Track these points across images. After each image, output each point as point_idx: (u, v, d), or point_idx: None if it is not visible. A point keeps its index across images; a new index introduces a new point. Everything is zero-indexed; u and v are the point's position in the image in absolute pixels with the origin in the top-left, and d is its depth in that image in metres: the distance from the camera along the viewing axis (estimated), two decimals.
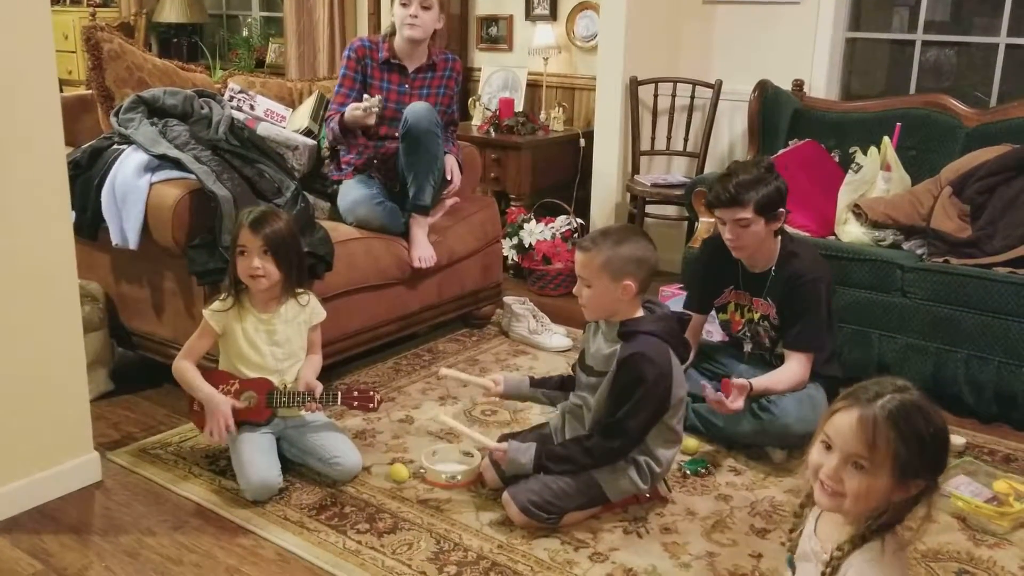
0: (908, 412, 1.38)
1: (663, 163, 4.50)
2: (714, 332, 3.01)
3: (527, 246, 4.13)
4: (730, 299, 2.76)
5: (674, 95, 4.28)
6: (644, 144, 4.37)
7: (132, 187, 2.66)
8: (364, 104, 3.05)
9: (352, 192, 3.19)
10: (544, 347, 3.42)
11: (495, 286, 3.67)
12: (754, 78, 3.88)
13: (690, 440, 2.53)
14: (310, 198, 3.02)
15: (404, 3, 3.18)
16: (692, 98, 4.26)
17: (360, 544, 2.14)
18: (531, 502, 2.16)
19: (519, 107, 4.67)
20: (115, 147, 2.80)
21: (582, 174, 4.57)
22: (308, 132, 3.39)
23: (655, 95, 4.33)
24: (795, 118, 3.83)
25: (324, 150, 3.39)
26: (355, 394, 2.45)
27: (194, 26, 6.34)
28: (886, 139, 3.42)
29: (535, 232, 4.12)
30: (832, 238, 3.33)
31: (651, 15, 4.23)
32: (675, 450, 2.31)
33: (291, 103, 3.60)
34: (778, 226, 2.59)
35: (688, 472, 2.50)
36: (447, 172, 3.28)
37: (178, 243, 2.64)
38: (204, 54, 6.20)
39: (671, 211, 4.37)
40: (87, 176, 2.77)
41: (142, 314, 2.90)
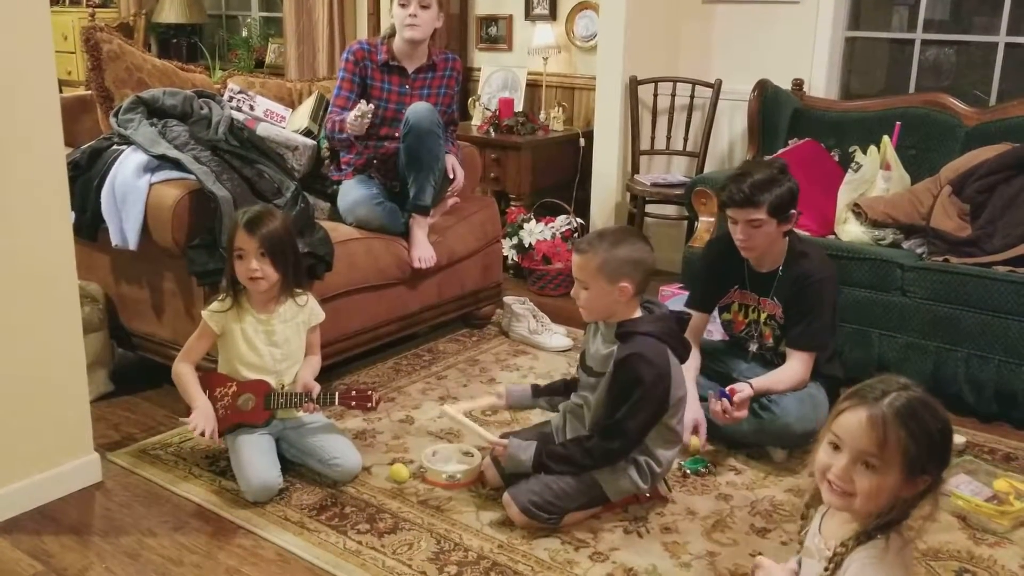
0: (916, 409, 1.39)
1: (663, 163, 4.50)
2: (714, 331, 3.01)
3: (527, 246, 4.13)
4: (734, 299, 2.76)
5: (674, 95, 4.28)
6: (644, 144, 4.37)
7: (132, 187, 2.66)
8: (356, 112, 3.04)
9: (352, 192, 3.19)
10: (544, 347, 3.42)
11: (495, 286, 3.67)
12: (754, 77, 3.88)
13: (693, 439, 2.53)
14: (310, 198, 3.02)
15: (403, 3, 3.18)
16: (692, 98, 4.26)
17: (360, 544, 2.14)
18: (532, 502, 2.16)
19: (519, 107, 4.67)
20: (115, 148, 2.79)
21: (582, 174, 4.57)
22: (308, 132, 3.39)
23: (655, 95, 4.33)
24: (795, 117, 3.83)
25: (324, 150, 3.39)
26: (353, 394, 2.45)
27: (193, 26, 6.34)
28: (886, 138, 3.41)
29: (535, 232, 4.12)
30: (832, 237, 3.33)
31: (650, 15, 4.23)
32: (675, 450, 2.30)
33: (291, 103, 3.60)
34: (789, 227, 2.58)
35: (688, 472, 2.50)
36: (449, 170, 3.29)
37: (178, 244, 2.64)
38: (203, 54, 6.20)
39: (671, 211, 4.37)
40: (87, 177, 2.77)
41: (142, 315, 2.89)
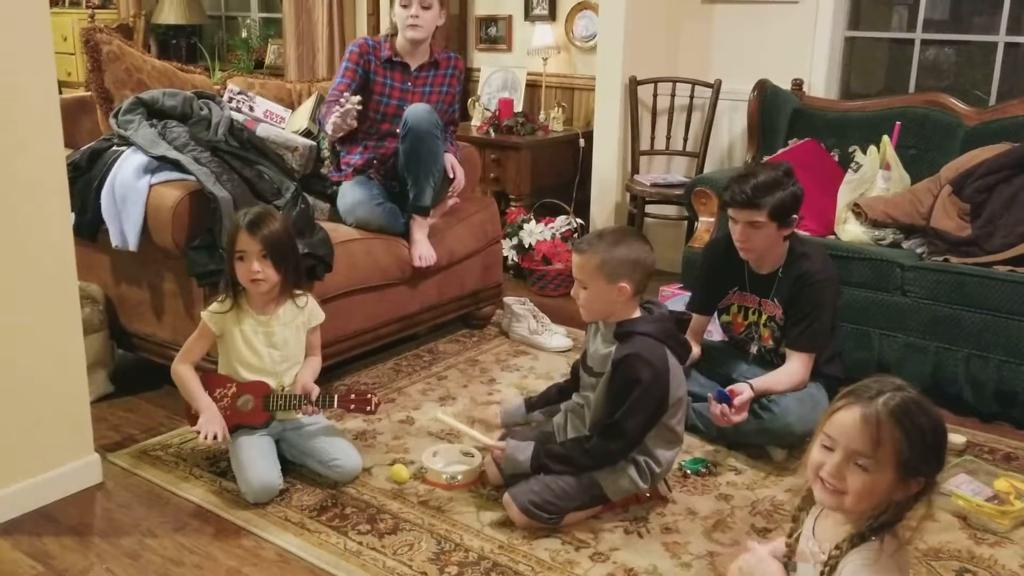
0: (910, 409, 1.38)
1: (663, 163, 4.50)
2: (714, 332, 3.00)
3: (527, 246, 4.13)
4: (733, 300, 2.76)
5: (673, 95, 4.28)
6: (644, 144, 4.37)
7: (131, 188, 2.66)
8: (341, 110, 2.96)
9: (351, 193, 3.19)
10: (544, 347, 3.42)
11: (495, 286, 3.67)
12: (753, 77, 3.88)
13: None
14: (310, 199, 3.02)
15: (404, 4, 3.20)
16: (691, 98, 4.26)
17: (361, 545, 2.14)
18: (532, 502, 2.16)
19: (518, 107, 4.67)
20: (114, 149, 2.79)
21: (582, 174, 4.57)
22: (307, 133, 3.39)
23: (654, 95, 4.33)
24: (794, 117, 3.83)
25: (324, 151, 3.39)
26: (352, 397, 2.44)
27: (193, 27, 6.34)
28: (885, 138, 3.42)
29: (535, 232, 4.12)
30: (832, 237, 3.33)
31: (650, 15, 4.23)
32: (676, 450, 2.30)
33: (290, 104, 3.60)
34: (789, 231, 2.58)
35: (689, 472, 2.50)
36: (449, 170, 3.29)
37: (178, 244, 2.64)
38: (203, 55, 6.20)
39: (671, 211, 4.37)
40: (87, 178, 2.77)
41: (142, 316, 2.89)
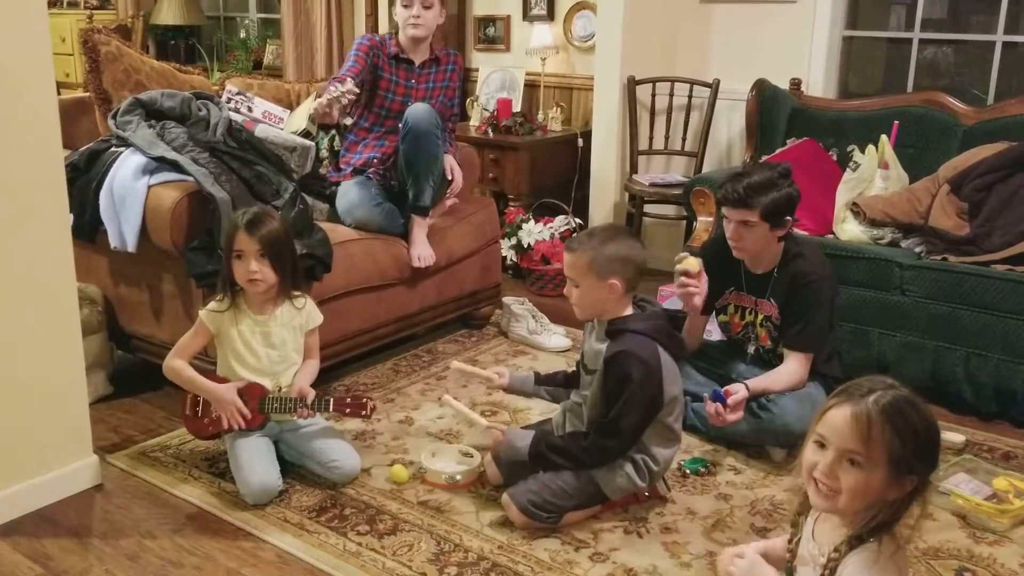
0: (901, 407, 1.39)
1: (661, 163, 4.50)
2: (714, 332, 3.01)
3: (526, 246, 4.12)
4: (730, 300, 2.76)
5: (672, 95, 4.28)
6: (642, 144, 4.37)
7: (130, 189, 2.66)
8: (335, 94, 2.91)
9: (350, 193, 3.19)
10: (543, 347, 3.42)
11: (494, 286, 3.67)
12: (751, 77, 3.88)
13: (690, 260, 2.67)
14: (308, 199, 3.02)
15: (406, 4, 3.23)
16: (690, 97, 4.26)
17: (360, 546, 2.14)
18: (530, 502, 2.16)
19: (517, 107, 4.67)
20: (113, 149, 2.79)
21: (580, 174, 4.57)
22: (306, 134, 3.39)
23: (653, 95, 4.33)
24: (793, 117, 3.83)
25: (323, 151, 3.39)
26: (348, 401, 2.43)
27: (191, 28, 6.33)
28: (884, 137, 3.42)
29: (534, 232, 4.12)
30: (830, 236, 3.33)
31: (648, 15, 4.23)
32: (673, 449, 2.31)
33: (289, 105, 3.60)
34: (783, 233, 2.58)
35: (688, 472, 2.50)
36: (448, 172, 3.30)
37: (176, 245, 2.64)
38: (201, 56, 6.19)
39: (670, 211, 4.37)
40: (85, 179, 2.77)
41: (141, 317, 2.89)
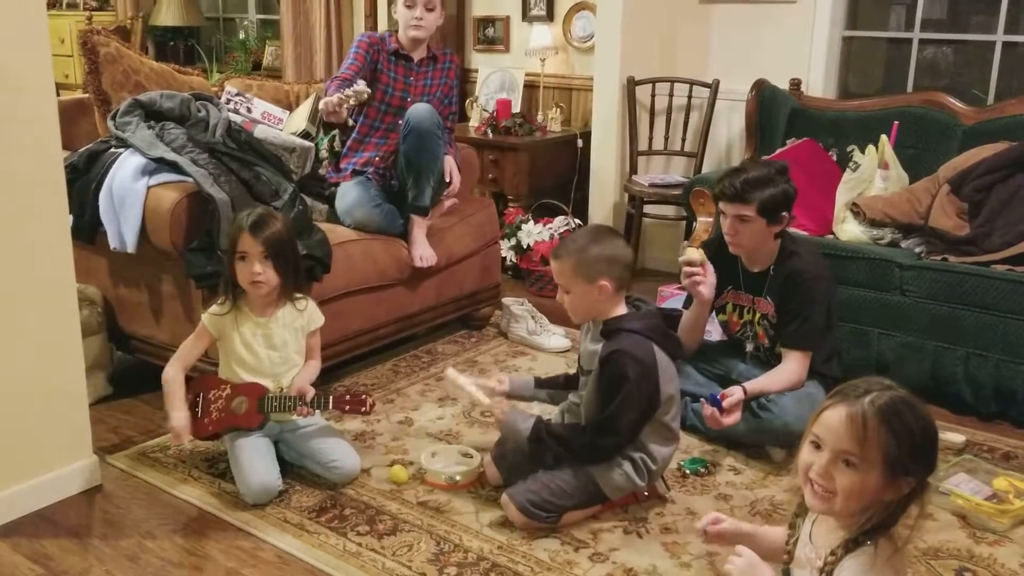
0: (897, 407, 1.38)
1: (661, 163, 4.50)
2: (713, 332, 3.01)
3: (525, 247, 4.12)
4: (728, 299, 2.76)
5: (671, 95, 4.28)
6: (642, 144, 4.37)
7: (129, 190, 2.66)
8: (347, 92, 2.90)
9: (350, 194, 3.19)
10: (543, 348, 3.42)
11: (494, 287, 3.67)
12: (751, 77, 3.88)
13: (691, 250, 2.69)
14: (308, 200, 3.02)
15: (409, 5, 3.24)
16: (689, 98, 4.26)
17: (360, 546, 2.14)
18: (529, 501, 2.16)
19: (516, 108, 4.67)
20: (112, 151, 2.79)
21: (580, 174, 4.57)
22: (305, 134, 3.39)
23: (652, 95, 4.33)
24: (793, 117, 3.83)
25: (322, 152, 3.40)
26: (347, 398, 2.43)
27: (191, 29, 6.33)
28: (884, 137, 3.42)
29: (533, 233, 4.12)
30: (830, 237, 3.33)
31: (648, 15, 4.23)
32: (672, 447, 2.31)
33: (288, 105, 3.60)
34: (779, 229, 2.58)
35: (688, 472, 2.50)
36: (446, 174, 3.30)
37: (176, 246, 2.64)
38: (201, 57, 6.19)
39: (669, 211, 4.37)
40: (85, 180, 2.76)
41: (140, 318, 2.89)
